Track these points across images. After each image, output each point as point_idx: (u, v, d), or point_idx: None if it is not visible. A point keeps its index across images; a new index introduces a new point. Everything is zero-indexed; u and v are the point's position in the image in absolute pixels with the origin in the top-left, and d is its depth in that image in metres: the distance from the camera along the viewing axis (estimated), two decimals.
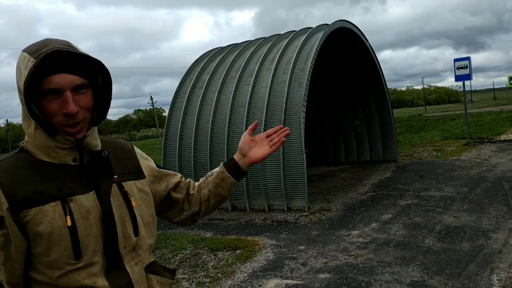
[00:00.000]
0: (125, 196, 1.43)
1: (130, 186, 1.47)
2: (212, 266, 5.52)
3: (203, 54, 10.80)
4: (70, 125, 1.31)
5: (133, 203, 1.45)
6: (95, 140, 1.41)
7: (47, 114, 1.29)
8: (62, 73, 1.28)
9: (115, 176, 1.43)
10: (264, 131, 7.51)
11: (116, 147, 1.52)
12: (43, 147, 1.34)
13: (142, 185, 1.53)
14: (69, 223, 1.29)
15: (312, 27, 10.01)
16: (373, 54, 11.55)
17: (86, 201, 1.34)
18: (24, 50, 1.32)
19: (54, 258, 1.29)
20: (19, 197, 1.26)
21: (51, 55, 1.25)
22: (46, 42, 1.32)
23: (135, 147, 1.63)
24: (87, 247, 1.32)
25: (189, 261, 5.75)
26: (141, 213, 1.48)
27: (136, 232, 1.44)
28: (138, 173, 1.54)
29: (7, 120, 54.32)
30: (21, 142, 1.38)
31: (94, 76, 1.37)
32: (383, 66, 12.00)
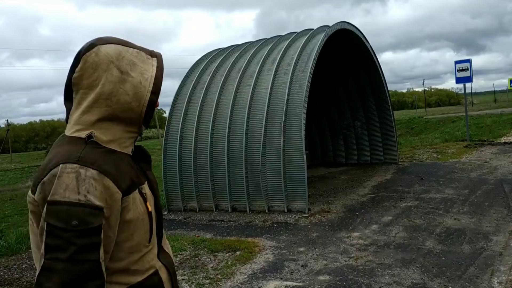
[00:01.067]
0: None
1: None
2: (211, 267, 5.50)
3: (204, 55, 10.79)
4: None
5: (158, 195, 1.58)
6: None
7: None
8: None
9: None
10: (264, 132, 7.47)
11: None
12: (116, 137, 1.40)
13: None
14: (150, 208, 1.42)
15: (313, 29, 10.00)
16: (374, 56, 11.54)
17: (147, 189, 1.46)
18: (121, 44, 1.43)
19: (136, 242, 1.38)
20: (124, 185, 1.32)
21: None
22: (126, 41, 1.48)
23: None
24: (153, 231, 1.45)
25: (188, 262, 5.73)
26: None
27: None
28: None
29: (7, 120, 54.33)
30: (85, 134, 1.35)
31: None
32: (383, 68, 12.00)
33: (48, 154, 1.36)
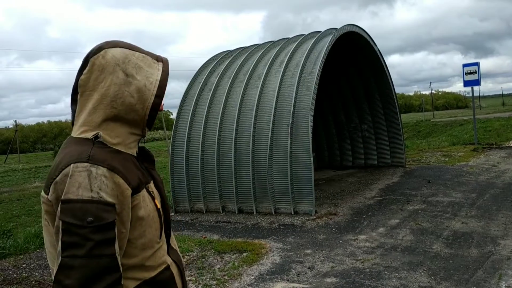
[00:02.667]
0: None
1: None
2: (218, 268, 5.52)
3: (212, 57, 10.83)
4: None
5: (165, 192, 1.62)
6: None
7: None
8: None
9: None
10: (271, 134, 7.47)
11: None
12: (122, 138, 1.44)
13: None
14: (158, 205, 1.46)
15: (320, 31, 10.01)
16: (381, 59, 11.52)
17: (153, 188, 1.50)
18: (128, 48, 1.47)
19: (149, 238, 1.42)
20: (134, 183, 1.37)
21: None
22: (134, 45, 1.52)
23: None
24: (163, 228, 1.50)
25: (195, 263, 5.76)
26: None
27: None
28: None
29: (15, 121, 54.66)
30: (92, 134, 1.39)
31: None
32: (390, 71, 11.97)
33: (57, 155, 1.39)
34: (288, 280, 4.99)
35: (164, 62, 1.53)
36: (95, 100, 1.41)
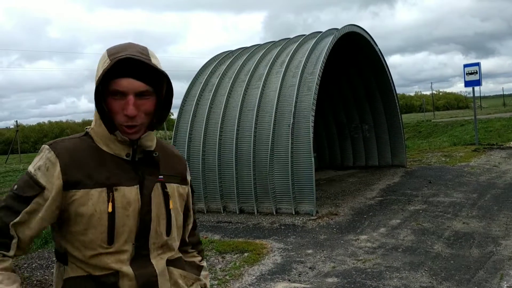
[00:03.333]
0: (165, 197, 1.52)
1: (173, 188, 1.56)
2: (220, 268, 5.53)
3: (213, 58, 10.84)
4: (128, 126, 1.42)
5: (171, 205, 1.53)
6: (150, 142, 1.50)
7: (111, 111, 1.41)
8: (129, 78, 1.39)
9: (160, 176, 1.52)
10: (272, 134, 7.45)
11: (171, 153, 1.63)
12: (103, 137, 1.45)
13: (183, 191, 1.62)
14: (110, 209, 1.40)
15: (321, 31, 10.02)
16: (382, 59, 11.52)
17: (129, 193, 1.44)
18: (107, 49, 1.45)
19: (90, 239, 1.40)
20: (72, 178, 1.38)
21: (124, 60, 1.36)
22: (126, 46, 1.44)
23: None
24: (120, 235, 1.42)
25: None
26: (176, 215, 1.57)
27: (169, 232, 1.53)
28: (182, 179, 1.62)
29: (16, 121, 54.68)
30: (87, 127, 1.51)
31: (160, 84, 1.47)
32: (391, 71, 11.97)
33: None
34: (289, 280, 4.99)
35: (112, 60, 1.36)
36: None
